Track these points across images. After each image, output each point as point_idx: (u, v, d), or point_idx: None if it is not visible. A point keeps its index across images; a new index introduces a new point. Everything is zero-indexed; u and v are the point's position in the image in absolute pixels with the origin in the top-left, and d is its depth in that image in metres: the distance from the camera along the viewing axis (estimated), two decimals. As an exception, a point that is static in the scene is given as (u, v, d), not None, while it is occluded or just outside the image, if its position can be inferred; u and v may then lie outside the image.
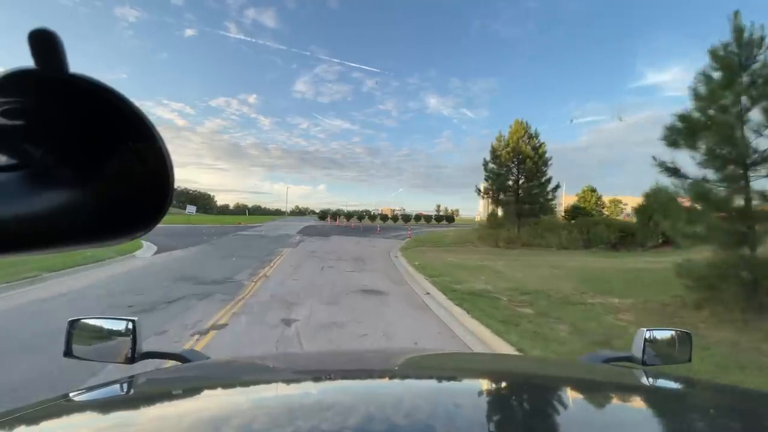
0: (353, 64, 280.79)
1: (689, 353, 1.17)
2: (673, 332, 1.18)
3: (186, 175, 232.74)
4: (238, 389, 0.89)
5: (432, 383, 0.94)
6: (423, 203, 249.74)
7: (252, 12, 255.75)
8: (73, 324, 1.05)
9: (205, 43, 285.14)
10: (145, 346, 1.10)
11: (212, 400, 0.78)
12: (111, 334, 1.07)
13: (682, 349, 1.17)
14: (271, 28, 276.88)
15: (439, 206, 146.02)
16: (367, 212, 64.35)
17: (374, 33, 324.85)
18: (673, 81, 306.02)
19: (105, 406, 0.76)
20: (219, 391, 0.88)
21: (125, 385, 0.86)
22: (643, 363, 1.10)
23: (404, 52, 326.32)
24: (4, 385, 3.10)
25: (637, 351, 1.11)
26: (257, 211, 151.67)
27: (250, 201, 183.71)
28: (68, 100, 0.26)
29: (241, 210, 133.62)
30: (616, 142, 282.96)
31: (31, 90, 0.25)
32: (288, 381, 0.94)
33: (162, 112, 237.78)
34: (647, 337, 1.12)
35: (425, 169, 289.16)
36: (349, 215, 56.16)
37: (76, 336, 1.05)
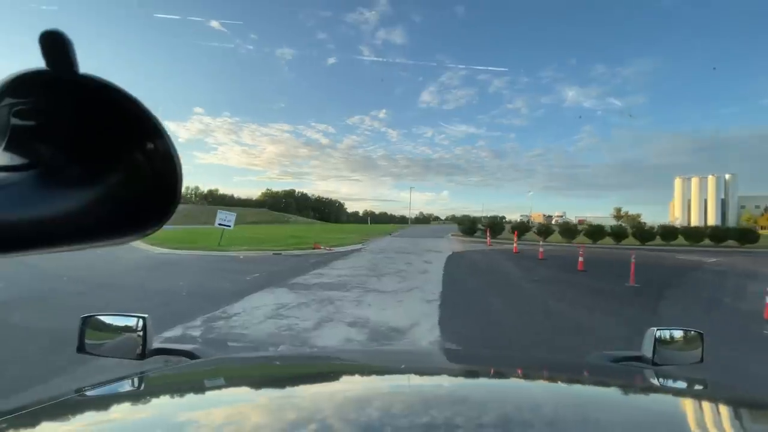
0: (479, 67, 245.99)
1: (701, 354, 1.13)
2: (684, 332, 1.16)
3: (328, 187, 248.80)
4: (246, 386, 0.90)
5: (438, 381, 0.94)
6: (560, 207, 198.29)
7: (382, 33, 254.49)
8: (85, 320, 1.07)
9: (343, 67, 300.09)
10: (156, 342, 1.10)
11: (221, 396, 0.80)
12: (122, 330, 1.07)
13: (693, 349, 1.14)
14: (400, 45, 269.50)
15: (619, 210, 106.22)
16: (501, 218, 43.11)
17: (503, 31, 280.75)
18: None
19: (116, 401, 0.77)
20: (228, 387, 0.90)
21: (136, 381, 0.87)
22: (653, 363, 1.07)
23: (536, 45, 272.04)
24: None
25: (647, 351, 1.09)
26: (383, 218, 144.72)
27: (378, 208, 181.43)
28: (78, 100, 0.26)
29: (367, 217, 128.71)
30: None
31: (43, 91, 0.26)
32: (294, 379, 0.96)
33: (311, 134, 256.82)
34: (657, 336, 1.09)
35: (561, 170, 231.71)
36: (520, 227, 26.70)
37: (89, 332, 1.06)
